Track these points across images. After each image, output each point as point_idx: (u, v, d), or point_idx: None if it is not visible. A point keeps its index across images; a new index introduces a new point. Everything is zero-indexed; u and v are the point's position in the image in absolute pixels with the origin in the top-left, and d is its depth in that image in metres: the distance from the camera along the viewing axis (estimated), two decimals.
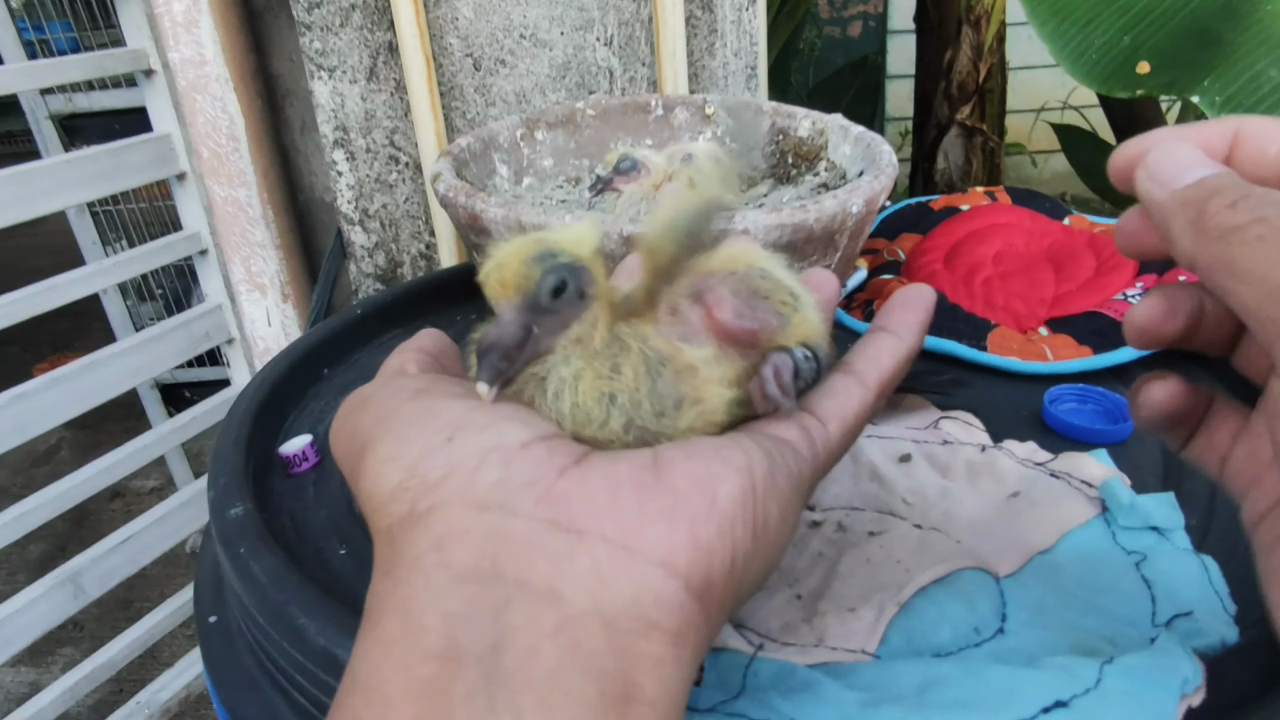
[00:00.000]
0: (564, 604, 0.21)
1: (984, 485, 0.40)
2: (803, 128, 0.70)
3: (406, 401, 0.26)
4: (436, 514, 0.23)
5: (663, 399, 0.26)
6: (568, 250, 0.25)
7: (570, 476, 0.23)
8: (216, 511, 0.39)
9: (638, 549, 0.21)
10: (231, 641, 0.40)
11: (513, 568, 0.21)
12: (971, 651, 0.31)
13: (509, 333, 0.25)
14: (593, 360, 0.26)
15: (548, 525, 0.22)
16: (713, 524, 0.22)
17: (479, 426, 0.24)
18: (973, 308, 0.55)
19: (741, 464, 0.24)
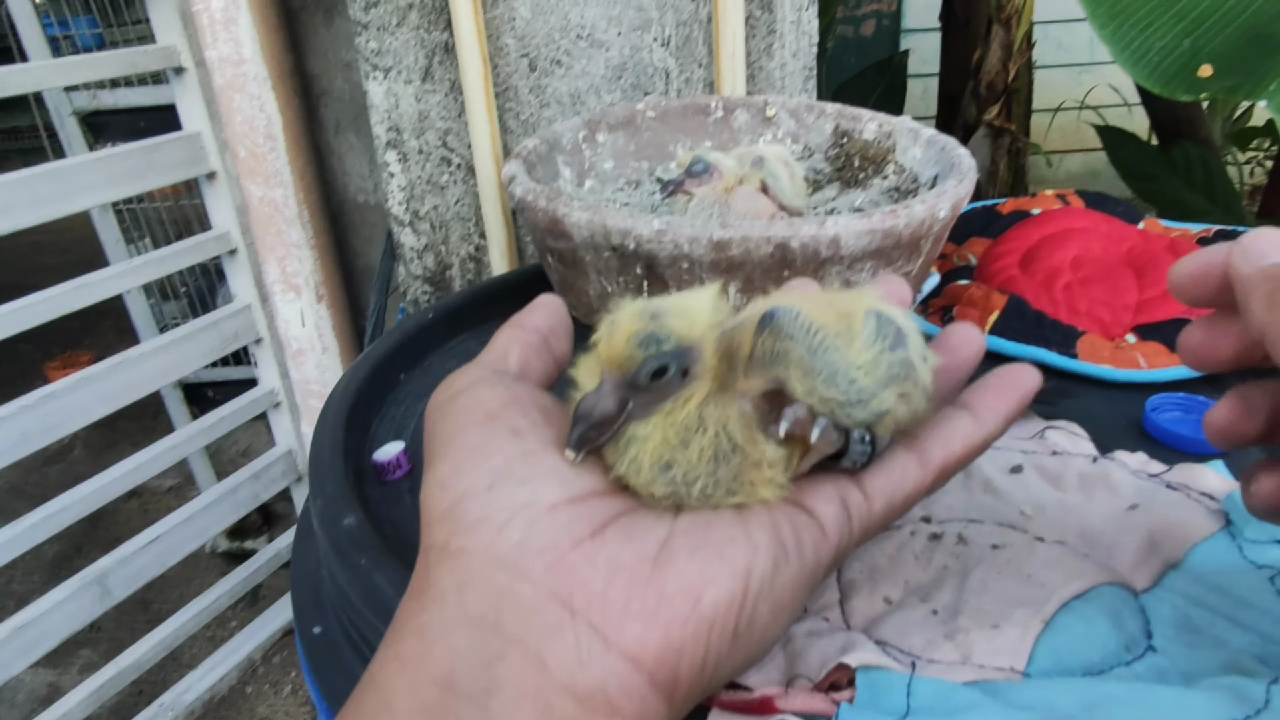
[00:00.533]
0: (546, 672, 0.24)
1: (1099, 497, 0.40)
2: (868, 130, 0.70)
3: (475, 426, 0.28)
4: (464, 558, 0.26)
5: (718, 483, 0.27)
6: (677, 332, 0.26)
7: (582, 551, 0.25)
8: (327, 521, 0.38)
9: (613, 642, 0.24)
10: (338, 652, 0.39)
11: (512, 626, 0.24)
12: (1123, 670, 0.30)
13: (604, 406, 0.27)
14: (668, 427, 0.27)
15: (549, 596, 0.25)
16: (689, 629, 0.24)
17: (519, 479, 0.27)
18: (1056, 314, 0.55)
19: (740, 567, 0.25)
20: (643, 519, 0.27)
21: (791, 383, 0.26)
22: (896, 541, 0.38)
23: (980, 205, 0.71)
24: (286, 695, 1.60)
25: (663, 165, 0.74)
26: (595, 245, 0.53)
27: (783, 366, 0.26)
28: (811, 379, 0.26)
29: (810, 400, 0.26)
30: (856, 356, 0.26)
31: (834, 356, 0.26)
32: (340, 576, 0.37)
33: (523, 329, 0.33)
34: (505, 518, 0.26)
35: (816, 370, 0.26)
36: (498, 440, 0.28)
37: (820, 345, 0.26)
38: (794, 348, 0.26)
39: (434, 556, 0.26)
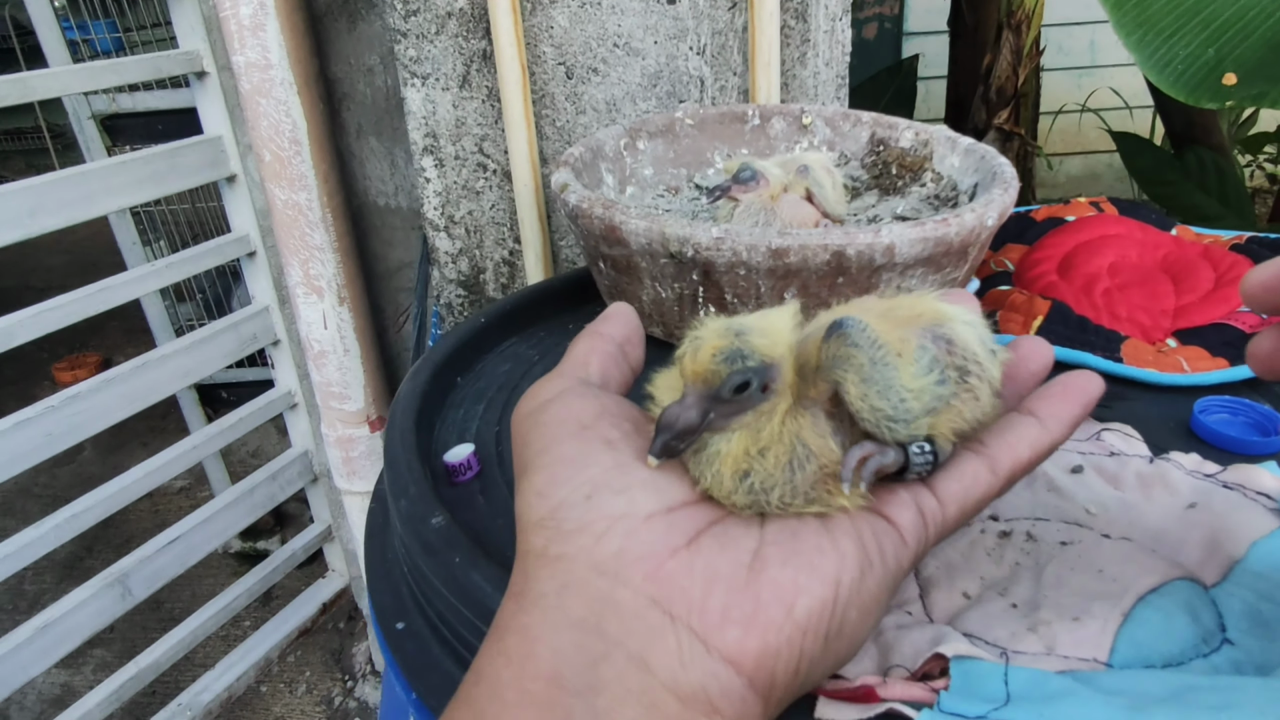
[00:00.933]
0: (650, 673, 0.25)
1: (1158, 496, 0.41)
2: (905, 138, 0.71)
3: (569, 438, 0.29)
4: (563, 564, 0.27)
5: (795, 491, 0.28)
6: (759, 350, 0.28)
7: (679, 559, 0.27)
8: (413, 522, 0.40)
9: (714, 646, 0.25)
10: (427, 647, 0.40)
11: (615, 630, 0.25)
12: (1201, 662, 0.32)
13: (687, 418, 0.28)
14: (748, 440, 0.28)
15: (649, 602, 0.26)
16: (784, 634, 0.26)
17: (615, 490, 0.28)
18: (1099, 319, 0.56)
19: (829, 575, 0.27)
20: (733, 528, 0.28)
21: (848, 385, 0.27)
22: (968, 539, 0.39)
23: (1015, 212, 0.72)
24: (301, 694, 1.61)
25: (700, 172, 0.75)
26: (652, 252, 0.54)
27: (843, 370, 0.27)
28: (868, 386, 0.27)
29: (860, 406, 0.27)
30: (909, 380, 0.28)
31: (891, 373, 0.28)
32: (434, 576, 0.38)
33: (601, 337, 0.34)
34: (604, 526, 0.27)
35: (874, 380, 0.27)
36: (593, 451, 0.29)
37: (882, 359, 0.28)
38: (857, 354, 0.27)
39: (532, 561, 0.27)
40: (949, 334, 0.30)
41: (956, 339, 0.30)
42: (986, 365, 0.30)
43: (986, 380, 0.30)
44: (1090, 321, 0.56)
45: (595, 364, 0.33)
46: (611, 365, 0.34)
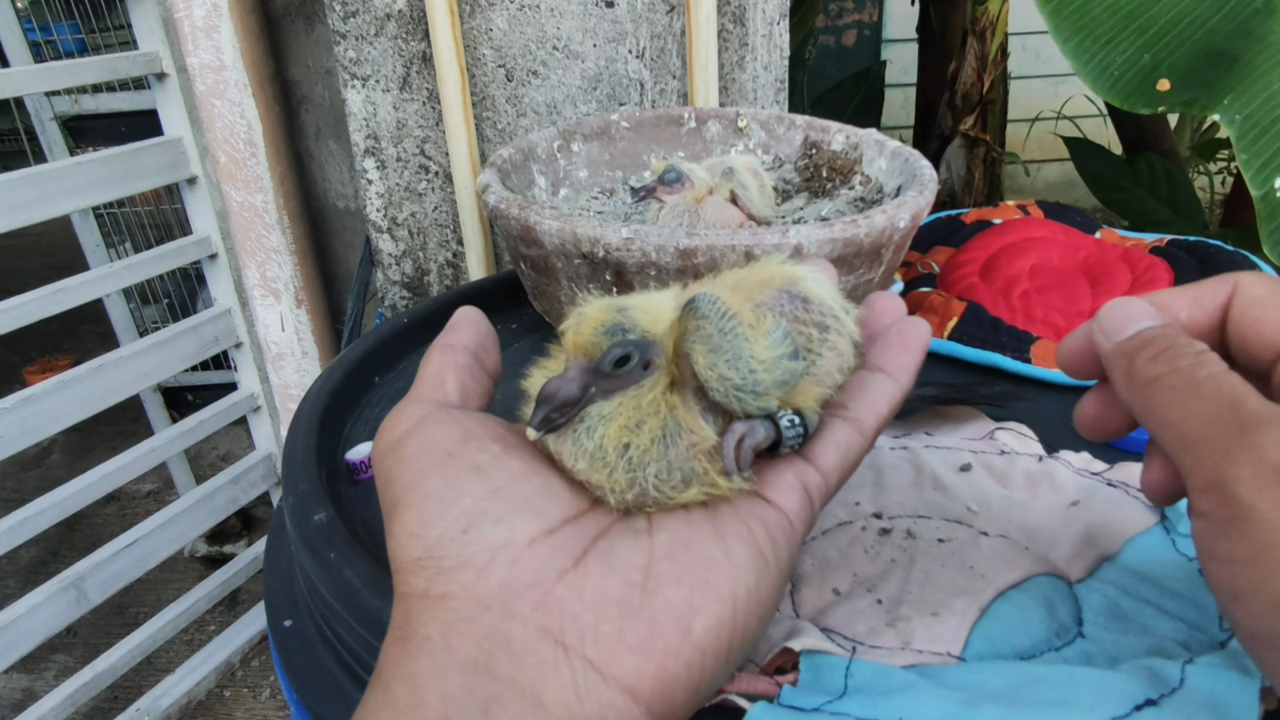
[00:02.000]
0: (544, 710, 0.24)
1: (1044, 494, 0.41)
2: (836, 142, 0.71)
3: (434, 470, 0.28)
4: (447, 602, 0.25)
5: (672, 470, 0.28)
6: (641, 325, 0.28)
7: (567, 583, 0.26)
8: (299, 517, 0.40)
9: (610, 675, 0.25)
10: (310, 645, 0.40)
11: (505, 668, 0.24)
12: (1053, 655, 0.32)
13: (568, 390, 0.28)
14: (626, 411, 0.28)
15: (540, 634, 0.25)
16: (683, 658, 0.25)
17: (493, 519, 0.26)
18: (1013, 321, 0.57)
19: (725, 590, 0.26)
20: (619, 542, 0.27)
21: (696, 356, 0.27)
22: (848, 536, 0.39)
23: (944, 215, 0.73)
24: (265, 699, 1.60)
25: (636, 175, 0.75)
26: (566, 253, 0.55)
27: (692, 342, 0.27)
28: (716, 356, 0.27)
29: (709, 375, 0.27)
30: (760, 352, 0.28)
31: (740, 344, 0.28)
32: (311, 570, 0.38)
33: (453, 350, 0.33)
34: (486, 559, 0.26)
35: (722, 350, 0.27)
36: (462, 481, 0.27)
37: (731, 330, 0.28)
38: (706, 325, 0.27)
39: (414, 603, 0.26)
40: (804, 292, 0.30)
41: (811, 296, 0.30)
42: (844, 319, 0.31)
43: (847, 334, 0.30)
44: (1004, 323, 0.56)
45: (451, 381, 0.32)
46: (469, 378, 0.32)
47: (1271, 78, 0.75)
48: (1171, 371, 0.27)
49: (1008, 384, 0.52)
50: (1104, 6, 0.82)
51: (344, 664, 0.38)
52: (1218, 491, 0.24)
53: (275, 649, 0.41)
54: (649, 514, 0.28)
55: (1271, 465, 0.24)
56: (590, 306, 0.28)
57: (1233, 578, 0.25)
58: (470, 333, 0.33)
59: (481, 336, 0.33)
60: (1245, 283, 0.29)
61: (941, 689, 0.29)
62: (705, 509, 0.28)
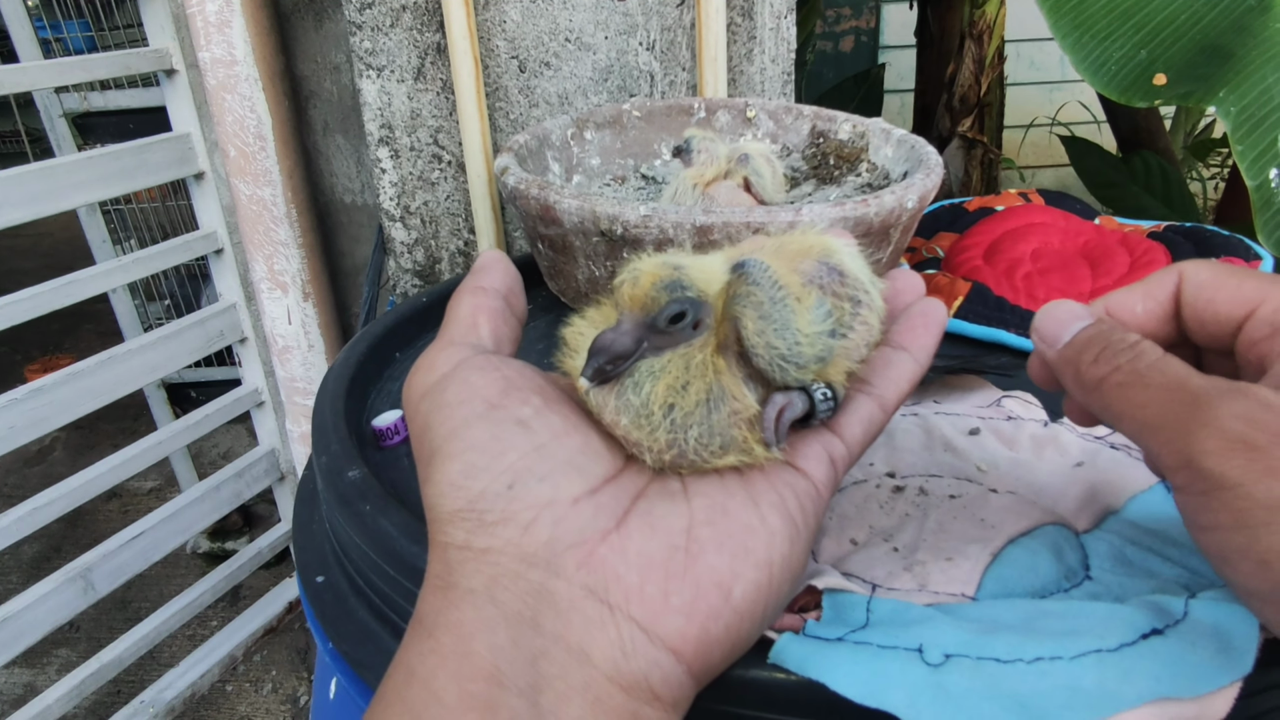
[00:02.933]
0: (592, 665, 0.25)
1: (1049, 456, 0.43)
2: (843, 131, 0.73)
3: (478, 420, 0.28)
4: (490, 556, 0.26)
5: (713, 435, 0.28)
6: (697, 285, 0.28)
7: (611, 544, 0.26)
8: (332, 475, 0.41)
9: (656, 635, 0.25)
10: (343, 598, 0.42)
11: (551, 624, 0.25)
12: (1062, 595, 0.33)
13: (622, 343, 0.28)
14: (675, 370, 0.28)
15: (585, 592, 0.25)
16: (722, 621, 0.26)
17: (538, 476, 0.27)
18: (1017, 300, 0.59)
19: (762, 557, 0.27)
20: (659, 504, 0.28)
21: (746, 321, 0.28)
22: (864, 493, 0.41)
23: (948, 203, 0.75)
24: (267, 693, 1.61)
25: (647, 163, 0.77)
26: (584, 231, 0.56)
27: (742, 306, 0.28)
28: (766, 323, 0.28)
29: (756, 341, 0.28)
30: (804, 325, 0.29)
31: (789, 314, 0.28)
32: (346, 524, 0.39)
33: (484, 293, 0.32)
34: (531, 516, 0.26)
35: (772, 318, 0.28)
36: (507, 434, 0.27)
37: (781, 299, 0.28)
38: (758, 292, 0.28)
39: (454, 554, 0.26)
40: (840, 265, 0.31)
41: (847, 270, 0.31)
42: (873, 294, 0.32)
43: (875, 310, 0.32)
44: (1008, 302, 0.58)
45: (484, 324, 0.31)
46: (500, 322, 0.32)
47: (1266, 71, 0.77)
48: (1114, 370, 0.29)
49: (1013, 357, 0.54)
50: (1101, 3, 0.84)
51: (377, 612, 0.40)
52: (1188, 469, 0.26)
53: (309, 604, 0.42)
54: (683, 476, 0.29)
55: (1231, 435, 0.25)
56: (646, 262, 0.29)
57: (1219, 543, 0.26)
58: (499, 275, 0.33)
59: (510, 280, 0.33)
60: (1189, 270, 0.31)
61: (958, 621, 0.30)
62: (738, 474, 0.29)
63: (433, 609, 0.26)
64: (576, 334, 0.31)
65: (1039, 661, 0.28)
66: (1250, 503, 0.24)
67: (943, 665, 0.28)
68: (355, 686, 0.40)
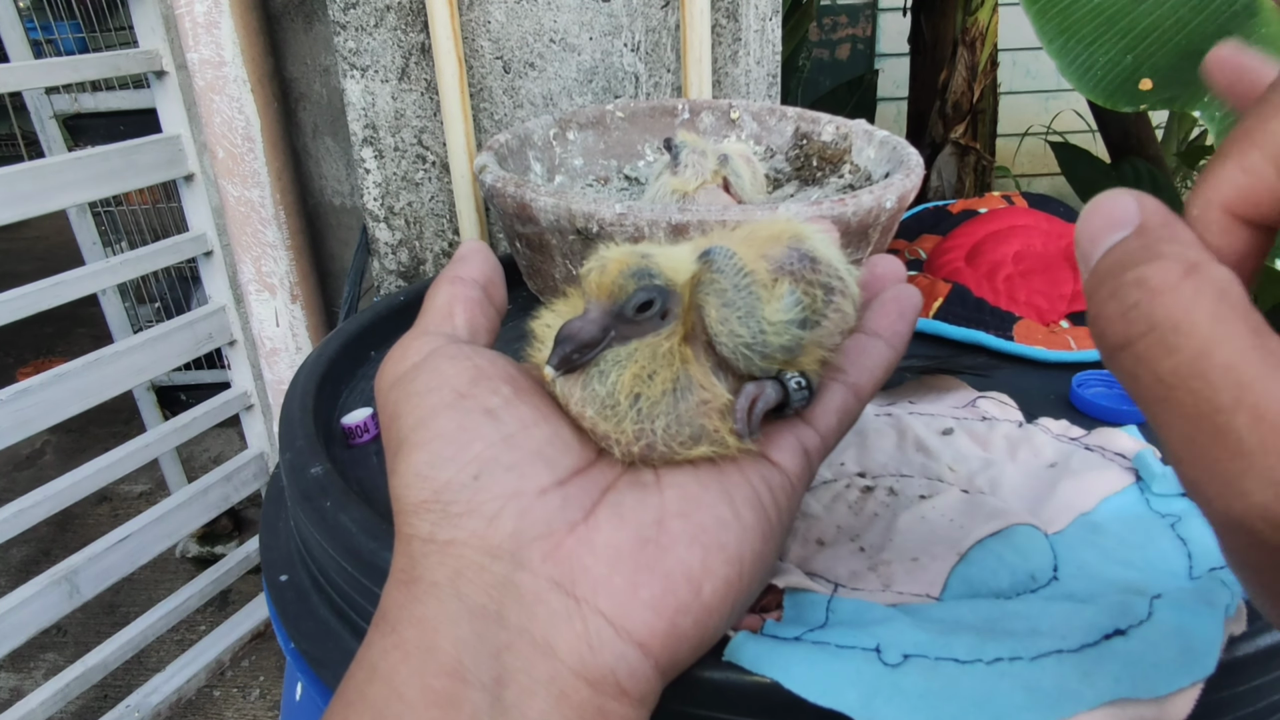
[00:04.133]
0: (557, 659, 0.24)
1: (1023, 457, 0.43)
2: (826, 132, 0.73)
3: (445, 409, 0.27)
4: (454, 549, 0.25)
5: (681, 425, 0.28)
6: (665, 273, 0.27)
7: (578, 535, 0.26)
8: (295, 471, 0.41)
9: (623, 628, 0.25)
10: (305, 596, 0.41)
11: (516, 617, 0.24)
12: (1029, 596, 0.33)
13: (589, 331, 0.27)
14: (641, 359, 0.27)
15: (551, 584, 0.25)
16: (692, 616, 0.25)
17: (504, 467, 0.26)
18: (997, 302, 0.58)
19: (734, 553, 0.26)
20: (629, 495, 0.27)
21: (709, 309, 0.27)
22: (832, 493, 0.40)
23: (931, 205, 0.74)
24: (255, 699, 1.60)
25: (631, 164, 0.77)
26: (560, 229, 0.56)
27: (705, 294, 0.28)
28: (729, 311, 0.27)
29: (719, 330, 0.27)
30: (770, 314, 0.28)
31: (754, 302, 0.28)
32: (308, 520, 0.39)
33: (462, 283, 0.31)
34: (496, 507, 0.25)
35: (735, 305, 0.27)
36: (474, 424, 0.27)
37: (745, 286, 0.28)
38: (720, 279, 0.28)
39: (418, 547, 0.26)
40: (812, 251, 0.30)
41: (819, 256, 0.30)
42: (848, 281, 0.31)
43: (850, 296, 0.31)
44: (988, 303, 0.58)
45: (460, 314, 0.31)
46: (477, 312, 0.31)
47: None
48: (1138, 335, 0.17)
49: (990, 358, 0.54)
50: (1087, 9, 0.84)
51: (338, 610, 0.39)
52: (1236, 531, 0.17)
53: (271, 603, 0.42)
54: (655, 468, 0.28)
55: None
56: (614, 251, 0.28)
57: None
58: (479, 266, 0.32)
59: (490, 270, 0.32)
60: None
61: (919, 621, 0.30)
62: (712, 466, 0.28)
63: (396, 603, 0.25)
64: (544, 326, 0.30)
65: (998, 662, 0.27)
66: None
67: (900, 665, 0.27)
68: (315, 686, 0.39)
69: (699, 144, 0.65)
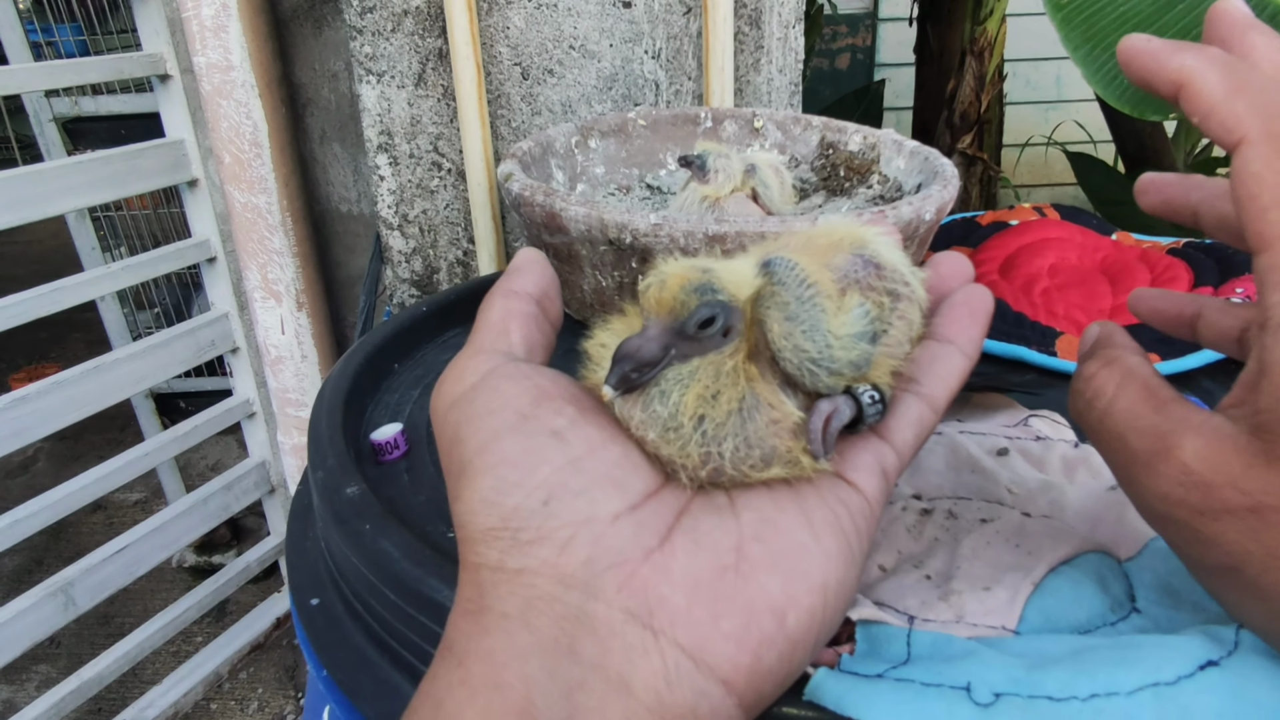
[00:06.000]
0: (632, 697, 0.23)
1: (1081, 479, 0.41)
2: (853, 142, 0.72)
3: (510, 432, 0.26)
4: (525, 578, 0.24)
5: (750, 447, 0.26)
6: (728, 288, 0.26)
7: (654, 563, 0.24)
8: (329, 492, 0.39)
9: (704, 663, 0.23)
10: (338, 622, 0.39)
11: (589, 651, 0.23)
12: (1109, 630, 0.32)
13: (649, 350, 0.26)
14: (704, 378, 0.26)
15: (627, 616, 0.23)
16: (776, 649, 0.24)
17: (574, 491, 0.25)
18: (1036, 316, 0.57)
19: (817, 581, 0.25)
20: (704, 519, 0.26)
21: (771, 323, 0.26)
22: (889, 516, 0.39)
23: (961, 217, 0.73)
24: (253, 712, 1.57)
25: (652, 172, 0.75)
26: (591, 239, 0.54)
27: (766, 307, 0.26)
28: (793, 325, 0.26)
29: (783, 345, 0.26)
30: (836, 327, 0.27)
31: (818, 315, 0.26)
32: (343, 544, 0.37)
33: (516, 297, 0.30)
34: (568, 535, 0.24)
35: (799, 319, 0.26)
36: (541, 447, 0.26)
37: (809, 298, 0.26)
38: (782, 292, 0.26)
39: (486, 575, 0.25)
40: (875, 256, 0.29)
41: (884, 261, 0.29)
42: (914, 285, 0.30)
43: (916, 301, 0.30)
44: (1027, 318, 0.57)
45: (516, 331, 0.30)
46: (534, 328, 0.30)
47: None
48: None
49: (1035, 374, 0.52)
50: (1113, 16, 0.83)
51: (375, 638, 0.37)
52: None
53: (301, 627, 0.40)
54: (727, 490, 0.27)
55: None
56: (674, 265, 0.27)
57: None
58: (534, 278, 0.31)
59: (545, 283, 0.31)
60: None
61: (1004, 655, 0.28)
62: (788, 488, 0.27)
63: (463, 635, 0.24)
64: (598, 345, 0.29)
65: (1094, 698, 0.26)
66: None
67: (993, 705, 0.26)
68: (350, 716, 0.37)
69: (721, 151, 0.64)
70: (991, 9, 1.55)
